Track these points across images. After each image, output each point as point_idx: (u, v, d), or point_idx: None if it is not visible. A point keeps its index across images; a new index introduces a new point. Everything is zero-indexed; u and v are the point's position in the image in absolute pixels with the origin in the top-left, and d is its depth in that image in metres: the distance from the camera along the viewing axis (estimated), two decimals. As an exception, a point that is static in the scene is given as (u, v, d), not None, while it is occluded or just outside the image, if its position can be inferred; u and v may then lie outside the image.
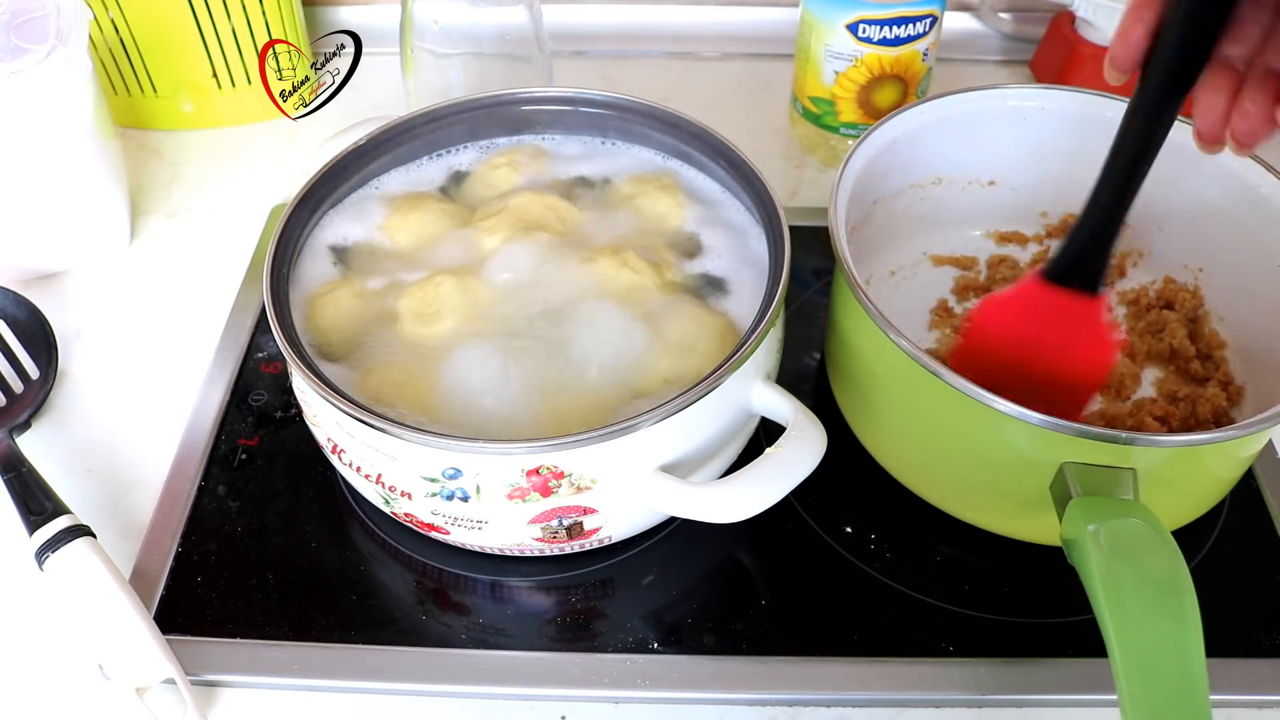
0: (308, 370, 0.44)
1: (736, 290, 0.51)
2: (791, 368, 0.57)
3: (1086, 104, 0.58)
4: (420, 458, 0.43)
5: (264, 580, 0.50)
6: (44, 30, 0.58)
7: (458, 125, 0.58)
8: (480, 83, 0.66)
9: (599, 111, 0.57)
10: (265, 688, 0.47)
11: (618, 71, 0.82)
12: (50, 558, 0.47)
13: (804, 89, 0.71)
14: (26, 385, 0.57)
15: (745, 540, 0.51)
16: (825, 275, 0.63)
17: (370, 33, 0.64)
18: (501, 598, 0.50)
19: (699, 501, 0.42)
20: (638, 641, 0.47)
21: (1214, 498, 0.50)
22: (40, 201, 0.61)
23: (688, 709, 0.46)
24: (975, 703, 0.46)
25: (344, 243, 0.53)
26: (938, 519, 0.50)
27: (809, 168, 0.74)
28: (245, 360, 0.59)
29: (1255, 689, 0.46)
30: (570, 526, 0.45)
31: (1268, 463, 0.54)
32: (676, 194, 0.55)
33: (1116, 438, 0.42)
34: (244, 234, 0.68)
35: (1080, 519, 0.41)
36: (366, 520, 0.52)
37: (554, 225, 0.53)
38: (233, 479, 0.54)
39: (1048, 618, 0.48)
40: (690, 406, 0.42)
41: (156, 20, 0.70)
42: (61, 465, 0.55)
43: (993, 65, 0.82)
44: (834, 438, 0.44)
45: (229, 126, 0.77)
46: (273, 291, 0.47)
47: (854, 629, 0.48)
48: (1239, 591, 0.50)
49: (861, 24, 0.65)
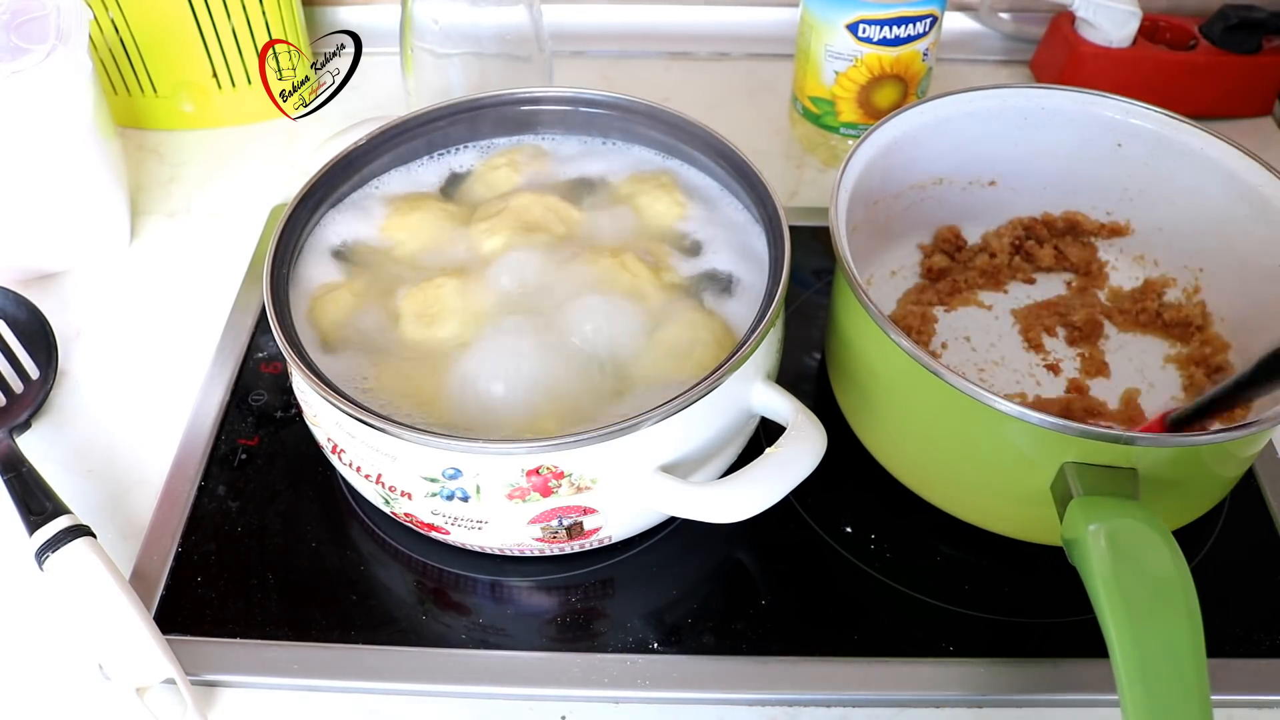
0: (308, 370, 0.44)
1: (736, 290, 0.51)
2: (791, 368, 0.57)
3: (1086, 104, 0.58)
4: (420, 458, 0.43)
5: (264, 580, 0.50)
6: (44, 30, 0.58)
7: (458, 125, 0.58)
8: (480, 83, 0.66)
9: (599, 111, 0.57)
10: (265, 688, 0.47)
11: (618, 71, 0.82)
12: (50, 558, 0.47)
13: (804, 89, 0.71)
14: (26, 385, 0.57)
15: (745, 540, 0.51)
16: (825, 275, 0.63)
17: (370, 33, 0.64)
18: (501, 598, 0.50)
19: (699, 501, 0.42)
20: (638, 641, 0.47)
21: (1214, 498, 0.50)
22: (40, 201, 0.61)
23: (688, 709, 0.46)
24: (975, 703, 0.46)
25: (344, 243, 0.53)
26: (938, 519, 0.50)
27: (809, 168, 0.74)
28: (245, 360, 0.59)
29: (1255, 689, 0.46)
30: (570, 526, 0.45)
31: (1268, 463, 0.54)
32: (676, 194, 0.55)
33: (1118, 437, 0.42)
34: (244, 234, 0.68)
35: (1081, 519, 0.41)
36: (366, 520, 0.52)
37: (554, 226, 0.53)
38: (233, 479, 0.54)
39: (1048, 618, 0.48)
40: (690, 406, 0.42)
41: (156, 20, 0.70)
42: (61, 465, 0.55)
43: (993, 65, 0.82)
44: (834, 438, 0.44)
45: (229, 126, 0.77)
46: (273, 291, 0.47)
47: (854, 629, 0.48)
48: (1239, 591, 0.50)
49: (861, 24, 0.65)
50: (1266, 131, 0.76)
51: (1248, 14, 0.73)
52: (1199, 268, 0.59)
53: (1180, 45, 0.75)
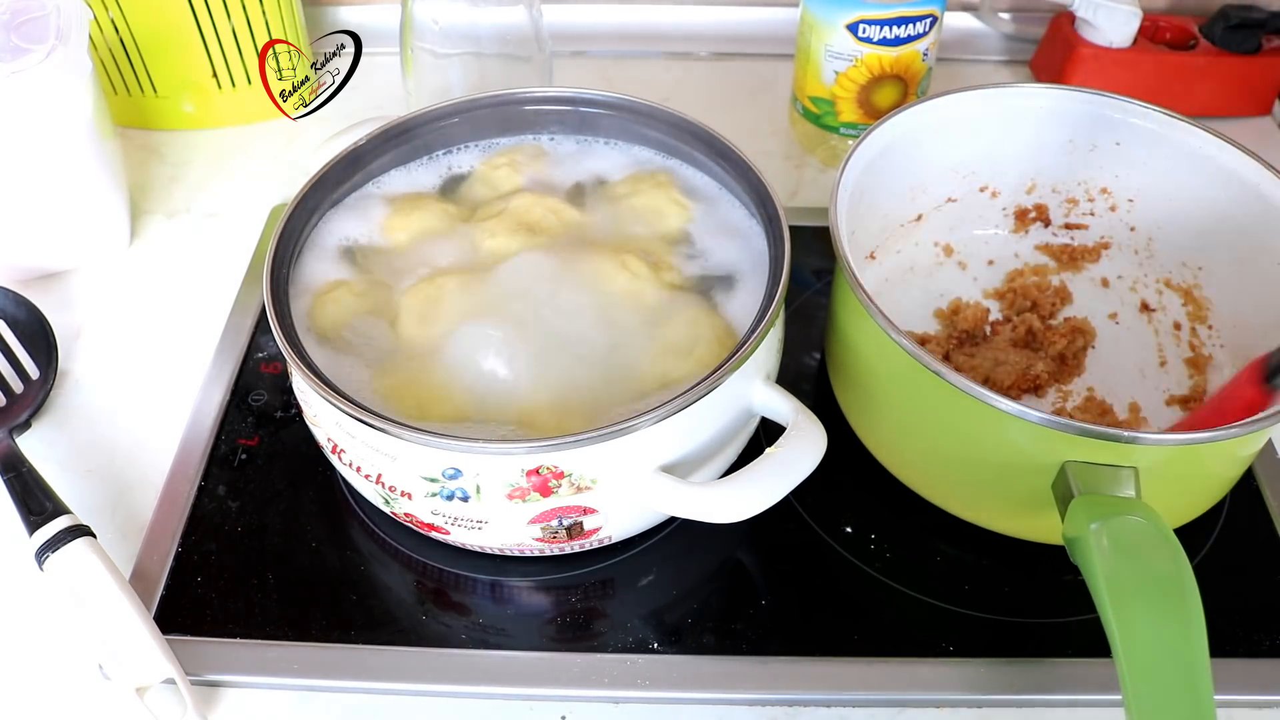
0: (308, 370, 0.44)
1: (737, 290, 0.51)
2: (791, 368, 0.57)
3: (1086, 104, 0.58)
4: (420, 458, 0.43)
5: (264, 580, 0.50)
6: (44, 30, 0.58)
7: (458, 125, 0.58)
8: (480, 83, 0.66)
9: (599, 111, 0.57)
10: (265, 688, 0.47)
11: (618, 71, 0.82)
12: (50, 558, 0.47)
13: (804, 89, 0.71)
14: (26, 385, 0.57)
15: (745, 540, 0.51)
16: (825, 275, 0.63)
17: (370, 33, 0.64)
18: (501, 598, 0.50)
19: (699, 501, 0.42)
20: (638, 641, 0.47)
21: (1214, 497, 0.50)
22: (40, 201, 0.61)
23: (688, 709, 0.46)
24: (975, 703, 0.46)
25: (344, 243, 0.53)
26: (938, 519, 0.50)
27: (809, 168, 0.74)
28: (245, 360, 0.59)
29: (1255, 689, 0.46)
30: (570, 526, 0.45)
31: (1268, 462, 0.54)
32: (677, 194, 0.55)
33: (1119, 436, 0.42)
34: (244, 234, 0.68)
35: (1083, 518, 0.41)
36: (366, 520, 0.52)
37: (554, 227, 0.53)
38: (233, 479, 0.54)
39: (1048, 618, 0.48)
40: (690, 406, 0.42)
41: (156, 20, 0.70)
42: (61, 465, 0.55)
43: (993, 65, 0.82)
44: (834, 437, 0.44)
45: (229, 126, 0.77)
46: (273, 291, 0.47)
47: (854, 629, 0.48)
48: (1239, 591, 0.50)
49: (861, 24, 0.65)
50: (1266, 131, 0.76)
51: (1248, 14, 0.73)
52: (1198, 266, 0.59)
53: (1180, 45, 0.75)
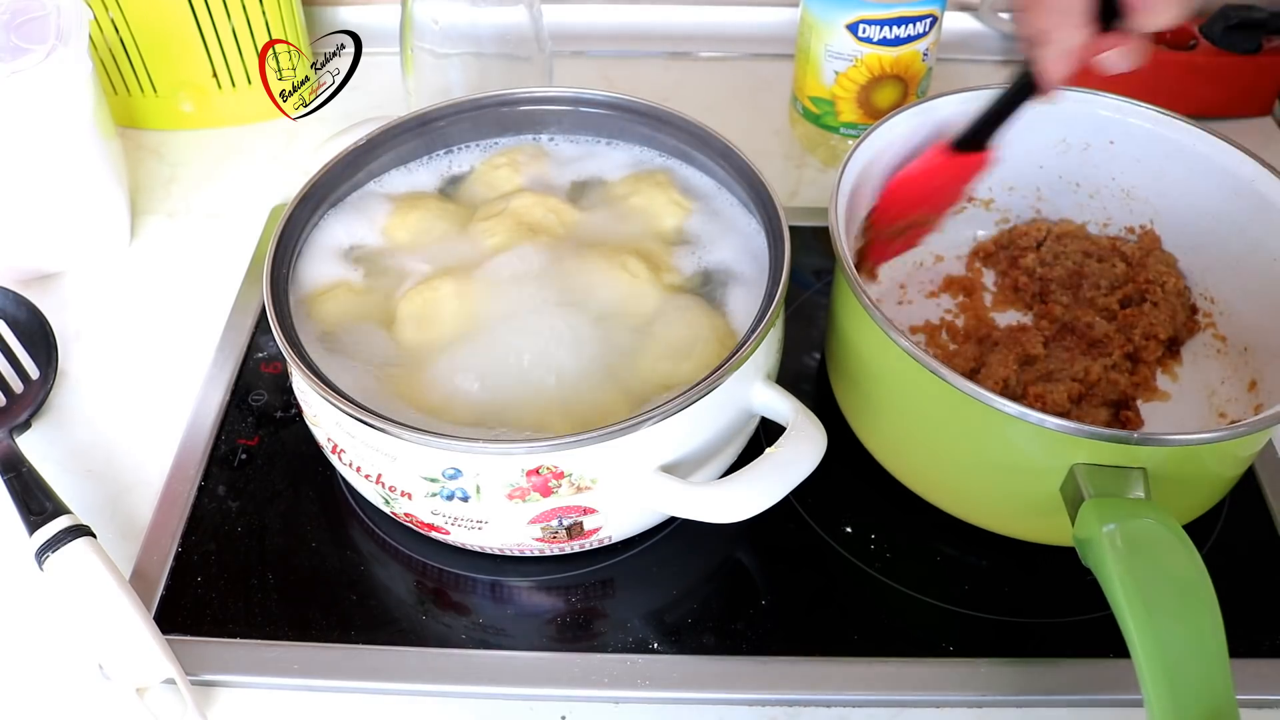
0: (308, 370, 0.44)
1: (736, 290, 0.51)
2: (791, 368, 0.57)
3: (1086, 104, 0.58)
4: (420, 458, 0.43)
5: (264, 580, 0.50)
6: (44, 30, 0.58)
7: (458, 125, 0.58)
8: (480, 83, 0.66)
9: (599, 111, 0.57)
10: (265, 688, 0.47)
11: (618, 71, 0.82)
12: (50, 558, 0.47)
13: (804, 89, 0.71)
14: (26, 385, 0.57)
15: (745, 540, 0.51)
16: (825, 275, 0.63)
17: (370, 33, 0.64)
18: (501, 598, 0.50)
19: (699, 501, 0.42)
20: (638, 641, 0.47)
21: (1213, 497, 0.50)
22: (40, 201, 0.61)
23: (688, 709, 0.46)
24: (975, 703, 0.46)
25: (344, 243, 0.53)
26: (938, 519, 0.50)
27: (809, 168, 0.74)
28: (245, 360, 0.59)
29: (1255, 689, 0.46)
30: (570, 526, 0.45)
31: (1268, 462, 0.54)
32: (677, 195, 0.55)
33: (1127, 438, 0.42)
34: (244, 234, 0.68)
35: (1095, 520, 0.41)
36: (366, 520, 0.52)
37: (554, 227, 0.53)
38: (233, 479, 0.54)
39: (1048, 618, 0.48)
40: (690, 407, 0.42)
41: (156, 20, 0.70)
42: (61, 465, 0.55)
43: (993, 65, 0.82)
44: (834, 438, 0.44)
45: (229, 126, 0.77)
46: (273, 291, 0.47)
47: (854, 629, 0.48)
48: (1239, 591, 0.49)
49: (861, 24, 0.65)
50: (1266, 131, 0.76)
51: (1248, 14, 0.73)
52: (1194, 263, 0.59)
53: (1180, 45, 0.74)
